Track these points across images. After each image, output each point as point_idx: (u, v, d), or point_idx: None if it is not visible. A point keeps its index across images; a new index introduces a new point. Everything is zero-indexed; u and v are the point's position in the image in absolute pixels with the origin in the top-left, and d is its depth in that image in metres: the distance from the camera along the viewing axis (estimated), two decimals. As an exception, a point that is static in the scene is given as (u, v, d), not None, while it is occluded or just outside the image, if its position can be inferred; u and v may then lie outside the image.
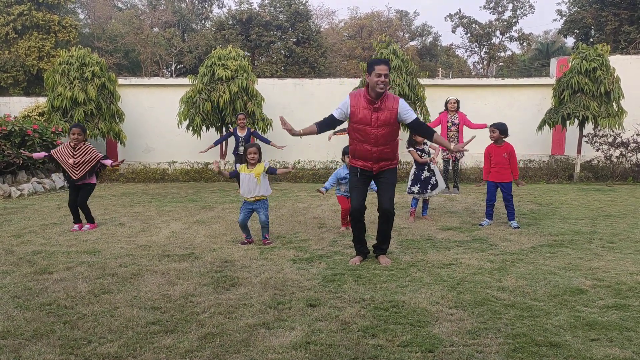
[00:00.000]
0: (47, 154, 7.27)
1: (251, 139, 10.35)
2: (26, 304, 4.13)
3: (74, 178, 7.04)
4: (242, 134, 10.47)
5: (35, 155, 7.40)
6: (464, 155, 10.18)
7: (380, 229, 5.38)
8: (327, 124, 5.29)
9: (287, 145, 11.21)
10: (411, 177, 7.56)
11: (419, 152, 7.45)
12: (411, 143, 7.45)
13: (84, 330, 3.63)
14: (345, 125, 5.60)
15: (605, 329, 3.60)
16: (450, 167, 10.37)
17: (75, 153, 7.02)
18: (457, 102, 10.08)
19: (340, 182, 6.83)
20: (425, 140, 7.63)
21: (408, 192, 7.57)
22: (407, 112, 5.11)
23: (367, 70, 5.11)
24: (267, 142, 10.56)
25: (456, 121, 9.99)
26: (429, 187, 7.46)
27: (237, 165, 6.24)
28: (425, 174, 7.46)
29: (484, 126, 9.74)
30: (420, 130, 5.37)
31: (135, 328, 3.66)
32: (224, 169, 6.25)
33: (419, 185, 7.47)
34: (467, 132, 10.34)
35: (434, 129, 5.65)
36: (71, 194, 7.18)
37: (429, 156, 7.55)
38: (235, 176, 6.27)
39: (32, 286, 4.57)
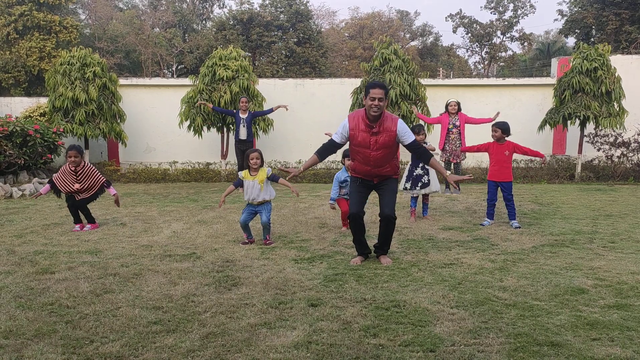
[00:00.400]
0: (50, 186, 7.12)
1: (251, 139, 10.42)
2: (28, 304, 4.14)
3: (77, 199, 7.04)
4: (243, 116, 10.65)
5: (43, 190, 7.21)
6: (465, 157, 10.18)
7: (381, 233, 5.39)
8: (328, 150, 5.31)
9: (288, 107, 11.34)
10: (405, 172, 7.58)
11: (421, 165, 7.46)
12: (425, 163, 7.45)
13: (86, 330, 3.63)
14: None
15: (606, 328, 3.60)
16: (452, 169, 10.35)
17: (78, 178, 7.01)
18: (458, 104, 10.02)
19: (341, 185, 6.83)
20: (426, 140, 7.65)
21: (402, 189, 7.53)
22: (405, 134, 5.12)
23: (364, 94, 5.12)
24: (270, 110, 10.99)
25: (457, 123, 9.95)
26: (419, 184, 7.45)
27: (240, 173, 6.24)
28: (418, 171, 7.47)
29: (489, 120, 9.69)
30: (418, 152, 5.34)
31: (137, 328, 3.66)
32: (225, 198, 6.27)
33: (410, 182, 7.48)
34: (469, 131, 10.33)
35: (433, 125, 5.62)
36: (69, 198, 7.16)
37: (428, 171, 7.53)
38: (240, 185, 6.25)
39: (34, 286, 4.58)
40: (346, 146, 5.55)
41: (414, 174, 7.48)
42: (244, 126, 10.53)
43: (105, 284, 4.64)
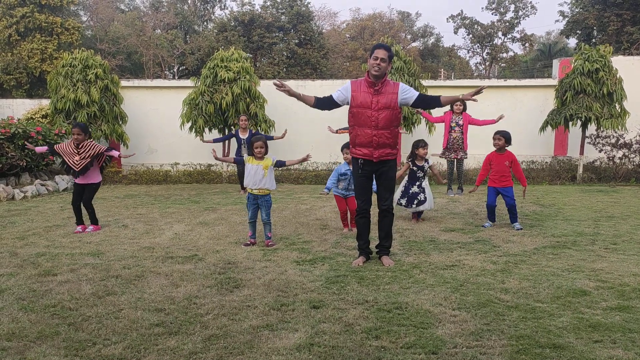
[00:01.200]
0: (49, 149, 7.26)
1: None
2: (30, 306, 4.14)
3: (76, 169, 7.02)
4: (243, 135, 10.48)
5: (38, 149, 7.41)
6: (466, 156, 10.19)
7: (380, 225, 5.43)
8: (325, 103, 5.34)
9: (286, 131, 11.20)
10: (401, 188, 7.55)
11: (415, 169, 7.44)
12: (412, 156, 7.46)
13: (89, 332, 3.64)
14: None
15: (608, 330, 3.60)
16: (455, 168, 10.36)
17: (79, 151, 7.05)
18: (464, 104, 10.02)
19: (340, 177, 6.82)
20: (427, 158, 7.57)
21: (397, 204, 7.41)
22: (408, 91, 5.15)
23: (369, 55, 5.18)
24: (270, 138, 10.63)
25: (460, 122, 9.96)
26: (415, 202, 7.44)
27: (246, 155, 6.23)
28: (415, 189, 7.44)
29: (492, 122, 9.70)
30: (427, 101, 5.33)
31: (139, 330, 3.67)
32: (225, 156, 6.26)
33: (406, 199, 7.46)
34: (472, 132, 10.35)
35: (435, 126, 5.57)
36: (75, 193, 7.20)
37: (425, 174, 7.52)
38: (239, 162, 6.22)
39: (37, 288, 4.59)
40: (346, 139, 5.55)
41: (410, 191, 7.46)
42: (244, 146, 10.43)
43: (107, 286, 4.65)
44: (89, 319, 3.87)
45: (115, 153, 7.30)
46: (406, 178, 7.60)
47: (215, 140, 11.03)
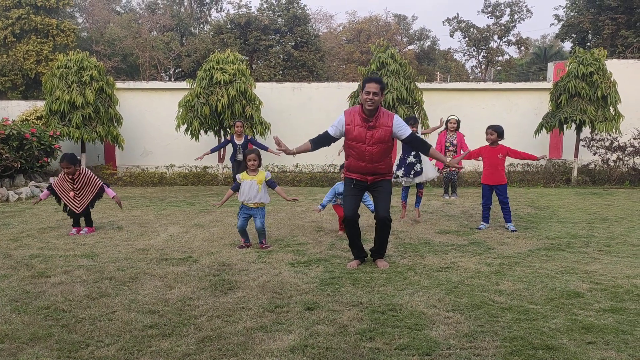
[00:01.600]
0: (49, 192, 7.06)
1: (249, 145, 10.34)
2: (24, 308, 4.13)
3: (77, 211, 6.97)
4: (239, 141, 10.45)
5: (42, 195, 7.15)
6: (463, 168, 10.26)
7: (377, 236, 5.41)
8: (322, 141, 5.31)
9: (282, 151, 11.13)
10: (397, 161, 7.57)
11: (413, 154, 7.48)
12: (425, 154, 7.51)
13: (82, 334, 3.63)
14: None
15: (601, 332, 3.61)
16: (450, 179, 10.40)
17: (75, 185, 6.95)
18: (458, 122, 10.04)
19: (338, 196, 6.80)
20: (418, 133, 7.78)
21: (393, 178, 7.46)
22: (402, 129, 5.15)
23: (361, 88, 5.16)
24: (265, 148, 10.51)
25: (454, 142, 9.98)
26: (412, 172, 7.44)
27: (238, 176, 6.23)
28: (411, 159, 7.48)
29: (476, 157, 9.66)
30: (416, 144, 5.41)
31: (133, 332, 3.66)
32: (224, 200, 6.28)
33: (403, 169, 7.46)
34: (469, 137, 10.40)
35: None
36: (67, 210, 7.14)
37: (421, 159, 7.56)
38: (238, 188, 6.18)
39: (30, 290, 4.57)
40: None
41: (407, 161, 7.47)
42: (239, 152, 10.40)
43: (101, 287, 4.63)
44: (82, 321, 3.85)
45: (111, 193, 7.10)
46: (400, 151, 7.61)
47: (212, 150, 10.95)
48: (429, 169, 7.61)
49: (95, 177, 7.14)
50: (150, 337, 3.57)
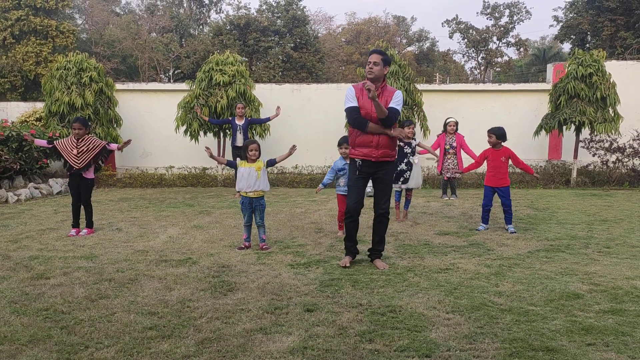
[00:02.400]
0: (50, 144, 7.22)
1: (249, 127, 10.55)
2: (23, 309, 4.12)
3: (77, 167, 7.01)
4: (240, 122, 10.65)
5: (38, 141, 7.40)
6: (462, 175, 10.35)
7: (375, 230, 5.44)
8: (360, 119, 5.14)
9: (279, 108, 11.17)
10: None
11: (402, 144, 7.59)
12: (401, 126, 7.59)
13: (81, 336, 3.62)
14: None
15: (601, 333, 3.61)
16: (449, 185, 10.43)
17: (78, 144, 7.06)
18: (456, 124, 10.05)
19: (339, 173, 6.77)
20: (415, 138, 7.97)
21: None
22: (397, 100, 5.20)
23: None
24: (267, 119, 10.96)
25: (454, 144, 9.95)
26: (401, 179, 7.70)
27: (237, 159, 6.27)
28: (402, 166, 7.68)
29: (475, 158, 9.65)
30: (388, 118, 5.09)
31: (132, 333, 3.65)
32: (219, 156, 6.32)
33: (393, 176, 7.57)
34: (470, 138, 10.40)
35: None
36: (73, 195, 7.20)
37: (413, 156, 7.79)
38: (232, 165, 6.27)
39: (29, 291, 4.56)
40: (340, 134, 5.60)
41: (398, 168, 7.62)
42: (240, 132, 10.55)
43: (100, 289, 4.63)
44: (82, 323, 3.85)
45: (114, 146, 7.38)
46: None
47: (212, 121, 11.41)
48: (418, 176, 7.90)
49: (99, 140, 7.25)
50: (150, 338, 3.57)
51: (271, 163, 6.18)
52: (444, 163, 9.98)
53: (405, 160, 7.71)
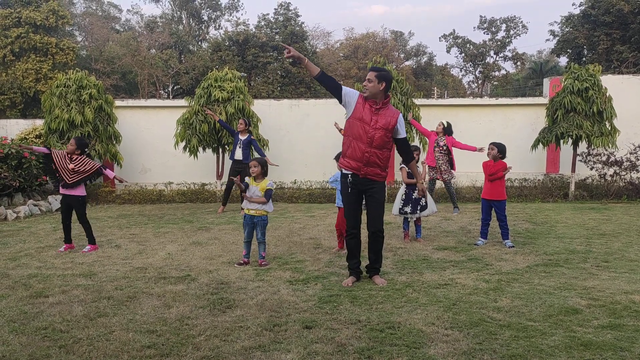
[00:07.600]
0: (48, 151, 7.19)
1: (250, 145, 10.59)
2: (22, 328, 4.12)
3: (67, 181, 6.98)
4: (242, 137, 10.64)
5: (36, 148, 7.40)
6: (453, 177, 10.42)
7: (371, 249, 5.43)
8: (330, 81, 5.28)
9: (279, 166, 11.19)
10: (402, 197, 7.57)
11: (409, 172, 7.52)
12: (405, 162, 7.54)
13: (80, 355, 3.62)
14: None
15: (600, 349, 3.61)
16: (445, 190, 10.46)
17: (74, 162, 7.05)
18: (443, 126, 10.29)
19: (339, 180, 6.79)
20: (419, 164, 7.86)
21: (400, 213, 7.54)
22: (402, 128, 5.32)
23: None
24: (263, 156, 10.77)
25: (442, 143, 10.22)
26: (419, 207, 7.50)
27: (246, 178, 6.33)
28: (416, 194, 7.50)
29: (473, 149, 9.96)
30: (405, 149, 5.54)
31: (131, 352, 3.65)
32: (242, 183, 6.36)
33: (410, 205, 7.50)
34: (457, 153, 10.48)
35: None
36: (63, 212, 7.21)
37: (425, 194, 7.63)
38: (246, 187, 6.31)
39: (28, 310, 4.56)
40: (338, 149, 5.67)
41: (412, 197, 7.49)
42: (240, 147, 10.56)
43: (99, 307, 4.62)
44: (80, 341, 3.84)
45: (110, 174, 7.31)
46: (403, 185, 7.64)
47: (221, 122, 11.24)
48: (432, 202, 7.73)
49: (93, 162, 7.22)
50: (149, 357, 3.57)
51: (266, 194, 6.16)
52: (437, 161, 10.21)
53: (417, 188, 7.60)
